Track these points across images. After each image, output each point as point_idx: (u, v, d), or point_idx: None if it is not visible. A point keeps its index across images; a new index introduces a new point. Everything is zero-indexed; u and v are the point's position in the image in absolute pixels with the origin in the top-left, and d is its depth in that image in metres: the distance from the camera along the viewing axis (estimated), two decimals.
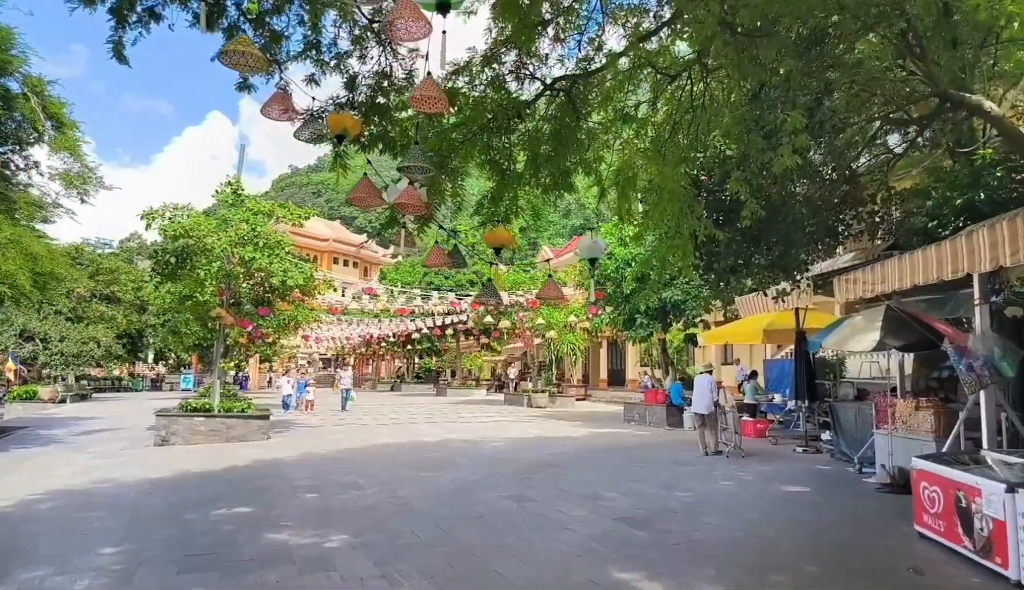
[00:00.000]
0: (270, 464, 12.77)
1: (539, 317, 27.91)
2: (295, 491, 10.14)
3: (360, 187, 6.57)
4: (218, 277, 16.32)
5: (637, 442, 16.51)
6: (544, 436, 17.89)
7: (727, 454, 13.89)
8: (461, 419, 23.60)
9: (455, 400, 36.87)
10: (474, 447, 15.46)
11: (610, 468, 12.38)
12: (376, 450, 14.88)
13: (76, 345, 36.08)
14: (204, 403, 16.57)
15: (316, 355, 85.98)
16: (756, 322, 17.25)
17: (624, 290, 20.23)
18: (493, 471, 11.95)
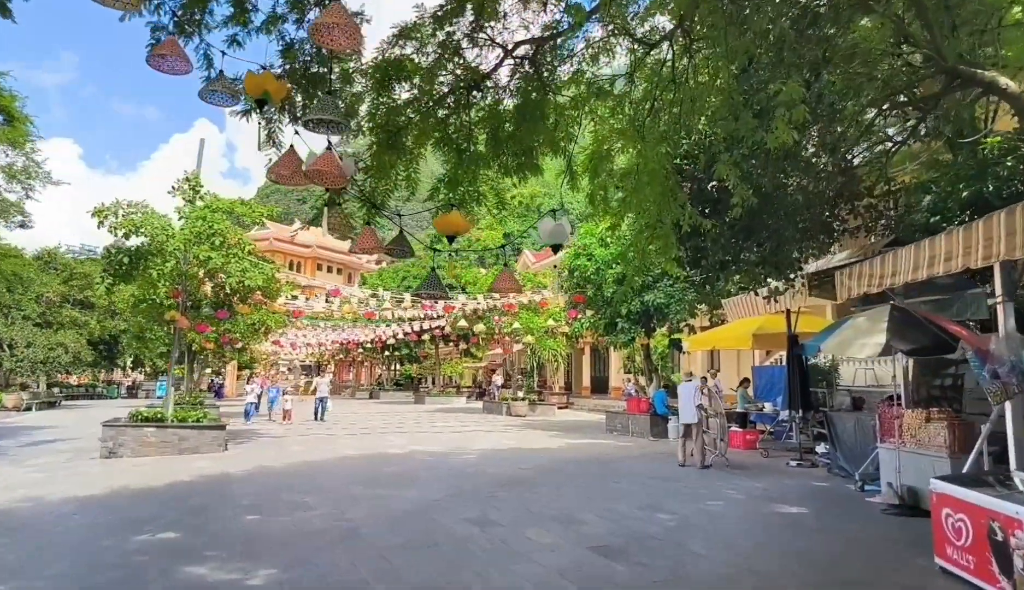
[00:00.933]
0: (217, 480, 11.67)
1: (516, 321, 26.81)
2: (235, 512, 9.06)
3: (283, 161, 5.52)
4: (172, 278, 15.20)
5: (618, 454, 15.50)
6: (519, 447, 16.85)
7: (712, 464, 13.23)
8: (434, 429, 22.51)
9: (432, 408, 35.76)
10: (442, 460, 14.40)
11: (587, 484, 11.35)
12: (335, 463, 13.79)
13: (43, 351, 34.72)
14: (156, 412, 15.44)
15: (297, 362, 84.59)
16: (745, 326, 16.30)
17: (605, 293, 19.25)
18: (458, 488, 10.90)
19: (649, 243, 7.57)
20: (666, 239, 7.54)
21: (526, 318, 27.53)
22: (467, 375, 58.49)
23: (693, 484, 11.26)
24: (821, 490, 10.81)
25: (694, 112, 7.56)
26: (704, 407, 13.70)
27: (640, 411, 19.75)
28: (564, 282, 21.47)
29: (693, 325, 20.46)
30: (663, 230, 7.60)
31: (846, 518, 8.69)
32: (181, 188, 16.09)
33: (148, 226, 14.67)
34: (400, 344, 42.22)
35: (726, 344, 18.56)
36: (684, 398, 13.82)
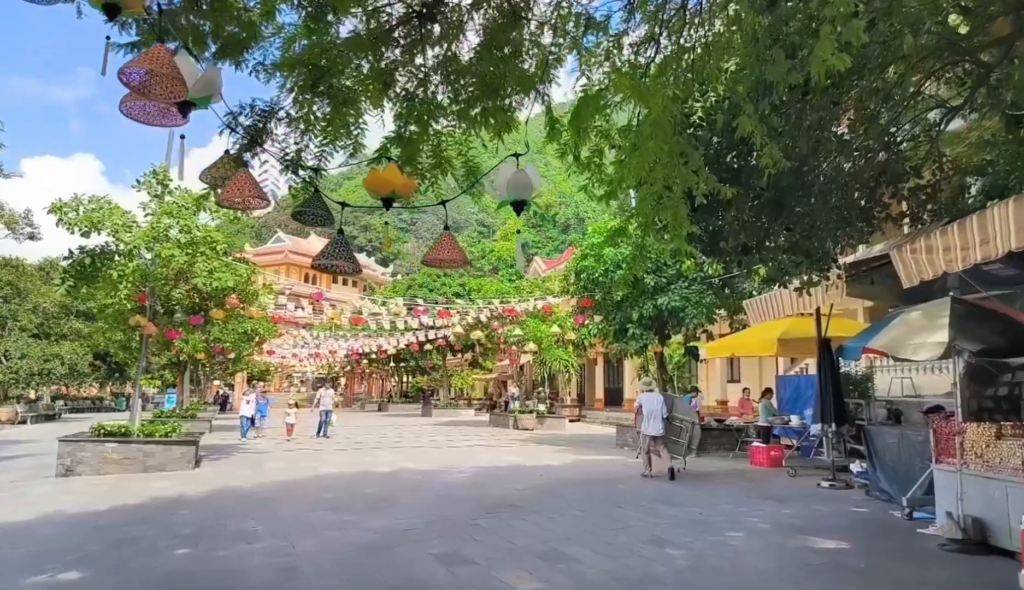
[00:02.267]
0: (167, 504, 10.27)
1: (517, 328, 25.18)
2: (167, 546, 7.64)
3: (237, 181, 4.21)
4: (134, 279, 13.89)
5: (626, 473, 13.92)
6: (520, 464, 15.32)
7: (680, 470, 13.32)
8: (432, 443, 21.02)
9: (438, 421, 34.26)
10: (429, 479, 12.91)
11: (587, 510, 9.80)
12: (309, 484, 12.34)
13: (38, 363, 33.66)
14: (120, 426, 14.10)
15: (309, 374, 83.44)
16: (769, 330, 14.71)
17: (614, 296, 17.72)
18: (436, 514, 9.40)
19: (655, 213, 6.06)
20: (675, 210, 6.03)
21: (533, 326, 25.99)
22: (478, 387, 56.99)
23: (710, 510, 9.68)
24: (861, 518, 9.20)
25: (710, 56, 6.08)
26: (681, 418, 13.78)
27: None
28: (570, 286, 19.92)
29: (711, 332, 18.88)
30: (672, 200, 6.10)
31: (898, 556, 7.09)
32: (147, 182, 14.80)
33: (108, 222, 13.39)
34: (406, 356, 40.90)
35: (748, 351, 16.93)
36: (649, 410, 13.35)
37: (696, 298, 16.83)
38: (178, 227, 14.31)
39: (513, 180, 4.00)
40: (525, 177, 3.97)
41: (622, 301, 17.72)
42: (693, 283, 17.15)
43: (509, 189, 4.01)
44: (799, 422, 14.74)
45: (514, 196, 4.03)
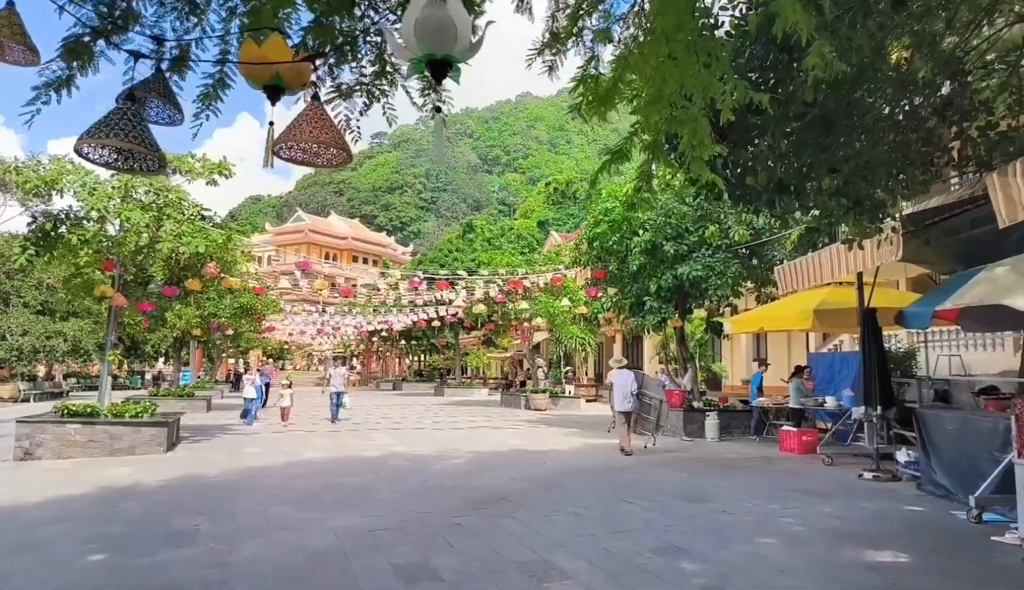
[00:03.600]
0: (114, 494, 9.04)
1: (523, 302, 23.60)
2: (81, 552, 6.37)
3: None
4: (96, 244, 12.61)
5: (639, 460, 12.49)
6: (523, 449, 13.93)
7: (645, 446, 13.86)
8: (435, 425, 19.69)
9: (449, 401, 33.04)
10: (420, 467, 11.56)
11: (589, 506, 8.38)
12: (280, 472, 11.02)
13: (40, 340, 32.78)
14: (87, 406, 12.91)
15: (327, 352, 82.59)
16: (802, 301, 13.15)
17: (630, 266, 16.16)
18: (413, 511, 8.04)
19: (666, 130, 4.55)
20: (694, 126, 4.51)
21: (544, 302, 24.45)
22: (494, 366, 55.68)
23: (735, 508, 8.23)
24: (918, 520, 7.70)
25: None
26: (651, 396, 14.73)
27: (672, 405, 16.66)
28: (582, 256, 18.35)
29: (736, 306, 17.29)
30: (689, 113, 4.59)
31: (974, 572, 5.62)
32: None
33: (63, 181, 12.10)
34: (417, 334, 39.68)
35: (778, 324, 15.30)
36: (620, 386, 13.46)
37: (720, 267, 15.24)
38: (144, 188, 13.01)
39: (425, 20, 2.44)
40: (444, 13, 2.41)
41: (639, 271, 16.18)
42: (717, 251, 15.56)
43: (420, 36, 2.45)
44: (835, 404, 13.19)
45: (428, 49, 2.48)
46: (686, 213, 16.08)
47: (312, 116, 3.31)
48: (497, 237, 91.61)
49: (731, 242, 15.51)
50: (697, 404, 16.71)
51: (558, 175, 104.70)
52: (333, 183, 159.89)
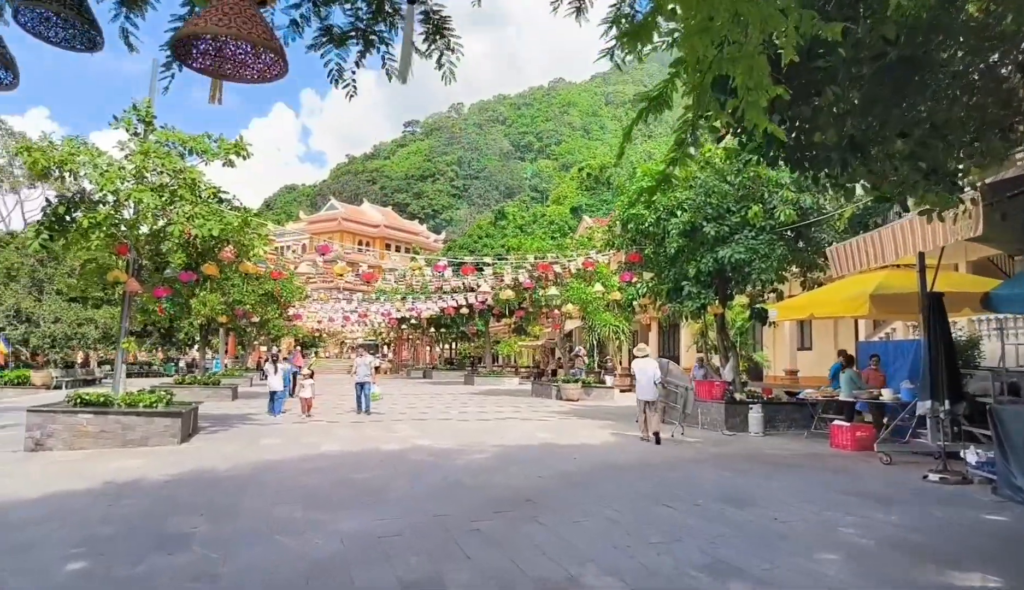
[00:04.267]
0: (116, 490, 8.48)
1: (552, 288, 22.62)
2: (63, 557, 5.81)
3: None
4: (107, 227, 12.08)
5: (679, 456, 11.66)
6: (552, 443, 13.15)
7: (672, 435, 13.95)
8: (462, 415, 18.99)
9: (478, 390, 32.34)
10: (442, 462, 10.85)
11: (623, 509, 7.58)
12: (293, 467, 10.36)
13: (71, 327, 32.82)
14: (99, 396, 12.45)
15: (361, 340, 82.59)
16: (856, 285, 12.15)
17: (668, 249, 15.24)
18: (429, 513, 7.33)
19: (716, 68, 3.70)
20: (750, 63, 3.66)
21: (576, 288, 23.55)
22: (525, 355, 54.97)
23: (788, 514, 7.36)
24: (1001, 531, 6.77)
25: None
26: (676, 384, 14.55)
27: (712, 397, 15.76)
28: (616, 238, 17.41)
29: (781, 291, 16.27)
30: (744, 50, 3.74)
31: None
32: (126, 119, 12.94)
33: (72, 163, 11.57)
34: (447, 321, 39.04)
35: (829, 310, 14.22)
36: (644, 375, 13.51)
37: (765, 250, 14.25)
38: (155, 168, 12.46)
39: None
40: None
41: (677, 254, 15.25)
42: (761, 232, 14.57)
43: None
44: (892, 397, 12.18)
45: None
46: (727, 192, 15.10)
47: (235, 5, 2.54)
48: (529, 224, 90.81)
49: (776, 223, 14.51)
50: (739, 396, 15.77)
51: (591, 160, 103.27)
52: (366, 172, 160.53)
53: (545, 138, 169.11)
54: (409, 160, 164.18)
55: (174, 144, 13.35)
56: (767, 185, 15.20)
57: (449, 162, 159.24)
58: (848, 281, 12.55)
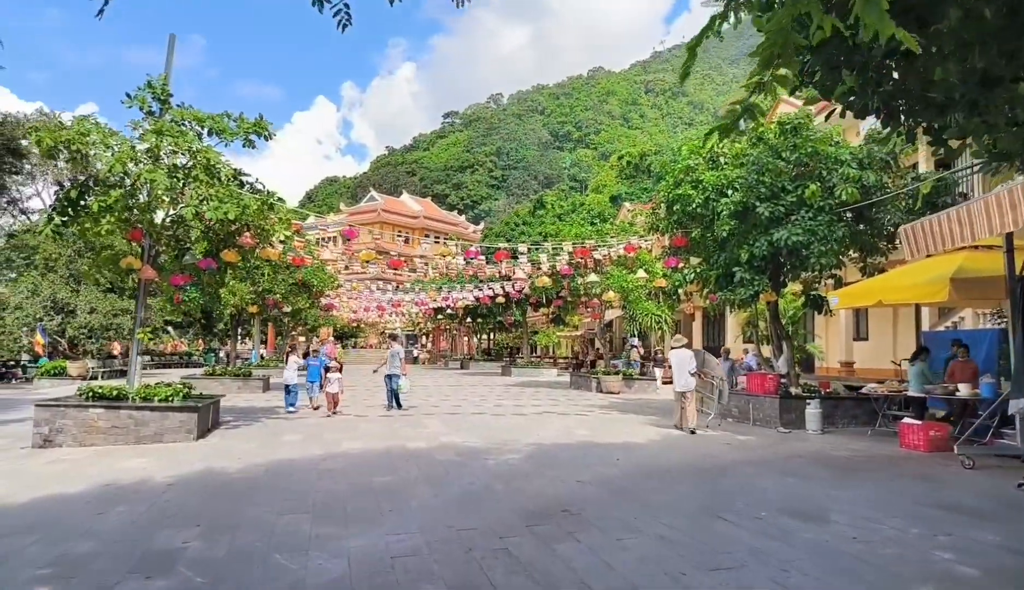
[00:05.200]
0: (114, 494, 7.76)
1: (592, 274, 21.45)
2: (27, 580, 5.07)
3: None
4: (119, 211, 11.40)
5: (733, 457, 10.59)
6: (592, 442, 12.15)
7: (707, 426, 14.08)
8: (496, 409, 18.06)
9: (515, 381, 31.43)
10: (471, 462, 9.94)
11: (675, 525, 6.58)
12: (308, 468, 9.50)
13: (105, 317, 32.73)
14: (114, 389, 11.82)
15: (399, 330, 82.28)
16: (932, 268, 10.93)
17: (717, 232, 14.10)
18: (454, 526, 6.43)
19: None
20: None
21: (616, 275, 22.43)
22: (564, 345, 53.93)
23: (868, 532, 6.29)
24: None
25: None
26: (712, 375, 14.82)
27: (764, 391, 14.62)
28: (660, 221, 16.26)
29: (840, 277, 15.01)
30: None
31: None
32: (140, 97, 12.24)
33: (80, 143, 10.90)
34: (483, 311, 38.22)
35: (901, 296, 12.89)
36: (678, 366, 13.71)
37: (824, 231, 13.04)
38: (170, 148, 11.75)
39: None
40: None
41: (727, 238, 14.10)
42: (820, 213, 13.35)
43: None
44: (970, 392, 10.94)
45: None
46: (782, 170, 13.90)
47: None
48: (568, 213, 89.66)
49: (837, 202, 13.28)
50: (795, 390, 14.60)
51: (631, 148, 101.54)
52: (406, 163, 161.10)
53: (584, 127, 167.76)
54: (448, 151, 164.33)
55: (191, 124, 12.65)
56: (825, 162, 13.97)
57: (488, 153, 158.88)
58: (922, 265, 11.31)
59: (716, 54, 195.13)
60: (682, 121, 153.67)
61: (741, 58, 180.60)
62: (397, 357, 17.51)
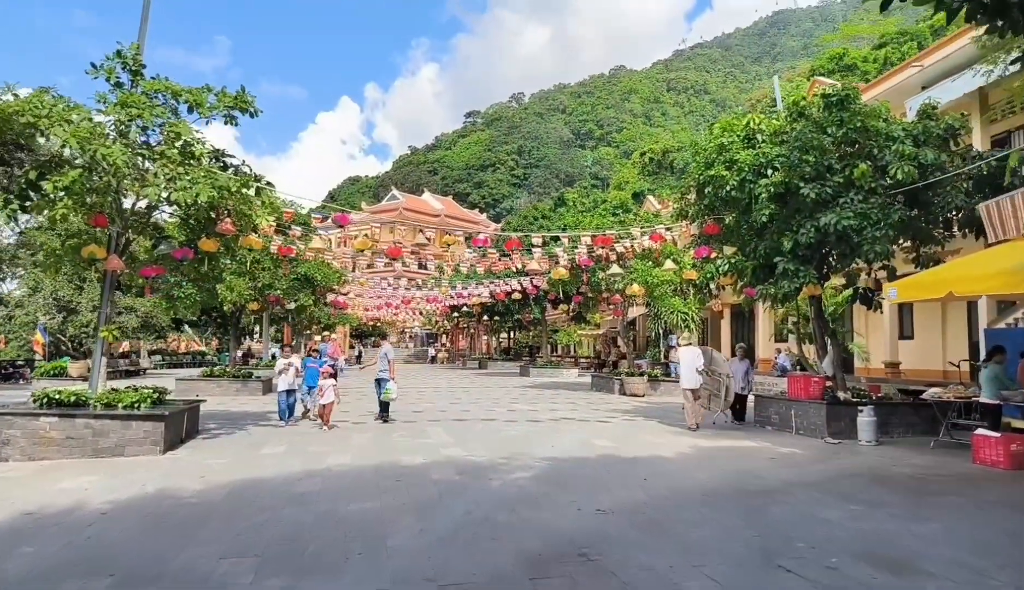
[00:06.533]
0: (30, 527, 6.39)
1: (614, 266, 19.69)
2: None
3: None
4: (77, 193, 10.04)
5: (780, 476, 9.00)
6: (614, 455, 10.58)
7: (714, 422, 14.55)
8: (509, 414, 16.50)
9: (533, 383, 29.93)
10: (472, 483, 8.42)
11: (721, 569, 5.06)
12: (282, 489, 8.04)
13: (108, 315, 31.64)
14: (71, 394, 10.51)
15: (417, 329, 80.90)
16: (1012, 254, 9.21)
17: (755, 218, 12.49)
18: (435, 581, 4.94)
19: None
20: None
21: (641, 270, 20.77)
22: (586, 344, 52.22)
23: (976, 586, 4.74)
24: None
25: None
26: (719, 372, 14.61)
27: (809, 396, 12.99)
28: (689, 206, 14.60)
29: (893, 268, 13.33)
30: None
31: None
32: (107, 68, 10.88)
33: (33, 114, 9.54)
34: (501, 309, 36.75)
35: (981, 287, 10.79)
36: (686, 364, 13.88)
37: (877, 214, 11.39)
38: (141, 123, 10.40)
39: None
40: None
41: (766, 224, 12.50)
42: (872, 195, 11.71)
43: None
44: None
45: None
46: (828, 147, 12.27)
47: None
48: (589, 209, 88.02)
49: (893, 181, 11.64)
50: (843, 395, 12.97)
51: (654, 145, 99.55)
52: (428, 163, 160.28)
53: (606, 125, 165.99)
54: (470, 150, 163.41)
55: (166, 97, 11.28)
56: (876, 139, 12.32)
57: (509, 151, 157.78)
58: (1002, 250, 9.62)
59: (739, 52, 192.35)
60: (705, 119, 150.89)
61: (763, 56, 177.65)
62: (385, 359, 14.84)
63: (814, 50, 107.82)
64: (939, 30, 41.87)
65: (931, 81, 18.28)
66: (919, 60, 19.20)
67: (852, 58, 53.75)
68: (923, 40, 45.46)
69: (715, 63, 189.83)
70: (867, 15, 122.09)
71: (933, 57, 18.43)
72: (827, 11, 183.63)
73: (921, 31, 53.15)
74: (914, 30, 56.72)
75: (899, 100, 18.75)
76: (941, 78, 17.86)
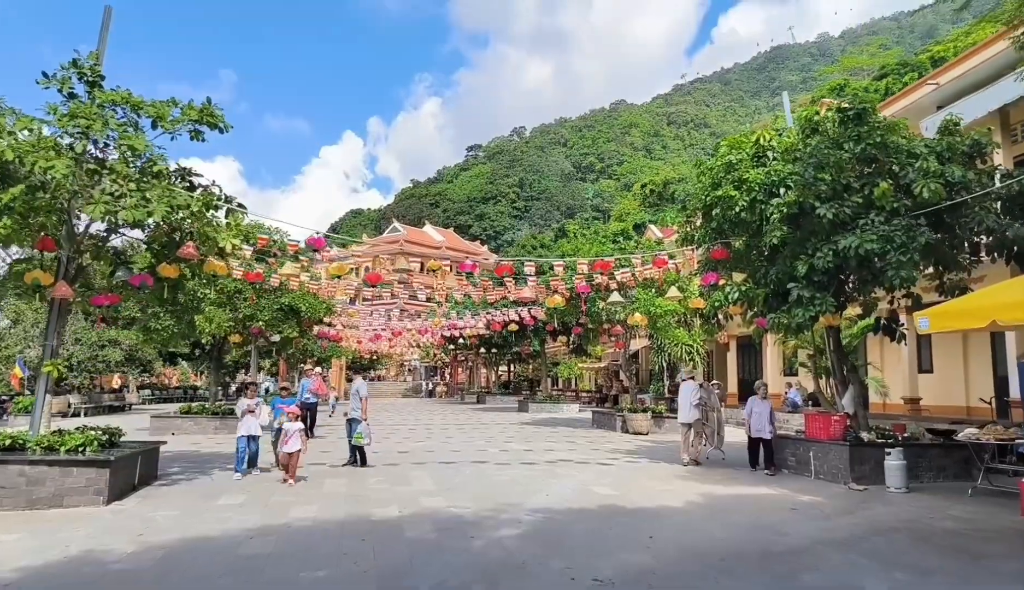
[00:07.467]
0: None
1: (615, 294, 18.43)
2: None
3: None
4: (20, 213, 9.03)
5: (804, 532, 7.81)
6: (616, 506, 9.39)
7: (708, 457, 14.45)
8: (502, 455, 15.27)
9: (531, 419, 28.67)
10: (449, 544, 7.24)
11: None
12: (226, 554, 6.86)
13: (90, 348, 30.55)
14: (8, 437, 9.39)
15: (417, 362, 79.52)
16: None
17: (767, 241, 11.45)
18: None
19: None
20: None
21: (644, 299, 19.65)
22: (587, 378, 50.91)
23: None
24: None
25: None
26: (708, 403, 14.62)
27: (829, 436, 11.83)
28: (695, 230, 13.53)
29: (919, 295, 12.26)
30: None
31: None
32: (62, 78, 9.93)
33: None
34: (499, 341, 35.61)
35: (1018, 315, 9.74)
36: (683, 398, 14.13)
37: (902, 237, 10.34)
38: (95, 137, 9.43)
39: None
40: None
41: (778, 247, 11.46)
42: (894, 215, 10.69)
43: None
44: None
45: None
46: (844, 164, 11.27)
47: None
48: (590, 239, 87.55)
49: (919, 200, 10.62)
50: (867, 435, 11.82)
51: (654, 177, 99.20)
52: (430, 195, 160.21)
53: (607, 159, 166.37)
54: (471, 183, 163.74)
55: (124, 110, 10.32)
56: (896, 155, 11.32)
57: (511, 184, 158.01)
58: None
59: (738, 87, 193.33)
60: (705, 152, 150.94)
61: (763, 90, 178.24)
62: (356, 396, 13.38)
63: (813, 84, 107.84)
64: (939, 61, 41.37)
65: (947, 100, 17.35)
66: (935, 77, 18.32)
67: (852, 89, 53.24)
68: (923, 70, 44.92)
69: (715, 97, 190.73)
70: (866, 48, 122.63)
71: (950, 73, 17.54)
72: (824, 46, 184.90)
73: (921, 62, 52.81)
74: (914, 61, 56.43)
75: (914, 120, 17.80)
76: (958, 97, 16.94)
